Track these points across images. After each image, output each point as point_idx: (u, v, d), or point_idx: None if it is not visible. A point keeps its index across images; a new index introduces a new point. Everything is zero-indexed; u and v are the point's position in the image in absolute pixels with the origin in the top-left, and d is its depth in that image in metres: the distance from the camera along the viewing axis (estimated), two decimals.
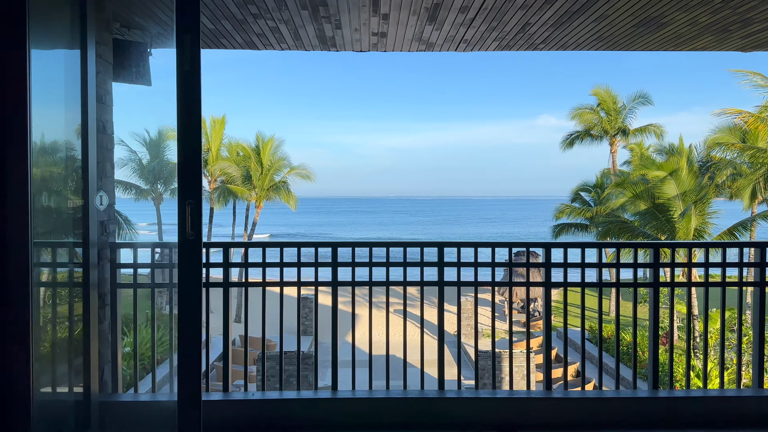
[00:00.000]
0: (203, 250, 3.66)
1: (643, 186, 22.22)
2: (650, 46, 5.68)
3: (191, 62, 2.84)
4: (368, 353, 4.36)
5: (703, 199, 20.28)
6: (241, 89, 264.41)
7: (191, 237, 2.77)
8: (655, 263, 4.25)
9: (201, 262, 2.83)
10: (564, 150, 40.14)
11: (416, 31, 5.07)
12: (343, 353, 18.17)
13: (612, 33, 5.24)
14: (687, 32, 5.20)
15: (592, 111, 37.96)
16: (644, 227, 23.36)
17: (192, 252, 2.78)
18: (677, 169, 20.43)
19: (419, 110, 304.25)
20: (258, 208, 35.24)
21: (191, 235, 2.76)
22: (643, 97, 37.73)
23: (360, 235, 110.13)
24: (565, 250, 4.32)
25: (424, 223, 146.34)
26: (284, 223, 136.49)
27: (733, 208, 28.13)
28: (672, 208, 21.00)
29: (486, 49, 5.72)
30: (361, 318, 37.15)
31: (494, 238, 64.13)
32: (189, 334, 2.80)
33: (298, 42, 5.40)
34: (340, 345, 19.82)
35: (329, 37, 5.24)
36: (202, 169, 26.98)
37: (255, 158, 34.23)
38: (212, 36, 5.32)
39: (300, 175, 36.00)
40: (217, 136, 37.28)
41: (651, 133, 38.23)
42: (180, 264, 2.79)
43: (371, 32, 5.10)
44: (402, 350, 4.46)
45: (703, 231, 20.72)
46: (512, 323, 4.94)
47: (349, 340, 25.60)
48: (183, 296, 2.78)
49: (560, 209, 37.84)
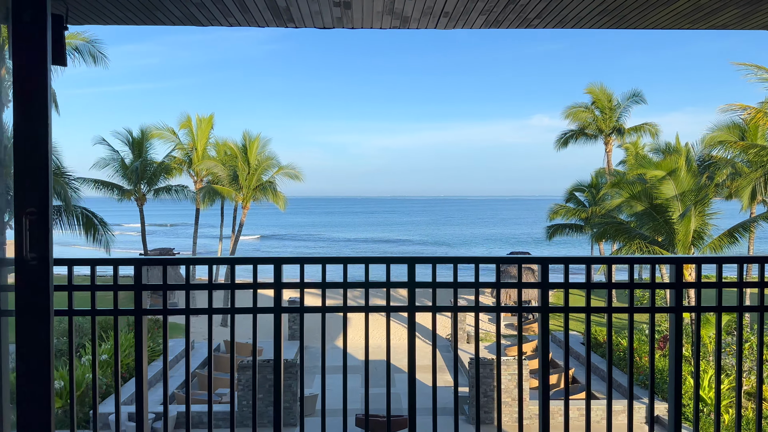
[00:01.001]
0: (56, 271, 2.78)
1: (641, 186, 21.47)
2: (663, 22, 4.85)
3: (33, 27, 1.97)
4: (364, 360, 3.51)
5: (704, 199, 19.55)
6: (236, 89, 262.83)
7: (31, 261, 1.90)
8: (678, 283, 3.43)
9: (48, 293, 1.97)
10: (558, 149, 39.45)
11: (387, 1, 4.23)
12: (331, 359, 17.24)
13: (619, 6, 4.41)
14: (708, 3, 4.38)
15: (586, 110, 37.23)
16: (641, 228, 22.63)
17: (33, 282, 1.92)
18: (676, 169, 19.69)
19: (412, 110, 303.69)
20: (245, 209, 34.28)
21: (31, 259, 1.90)
22: (637, 95, 37.06)
23: (352, 236, 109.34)
24: (566, 267, 3.49)
25: (417, 223, 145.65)
26: (276, 224, 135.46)
27: (729, 208, 27.49)
28: (671, 209, 20.26)
29: (471, 25, 4.88)
30: (352, 323, 36.31)
31: (488, 239, 63.80)
32: (32, 409, 1.93)
33: (247, 15, 4.54)
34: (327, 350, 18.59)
35: (283, 9, 4.39)
36: (188, 168, 25.90)
37: (242, 157, 33.27)
38: (144, 9, 4.46)
39: (288, 175, 35.07)
40: (203, 135, 36.32)
41: (646, 132, 37.58)
42: (17, 296, 1.93)
43: (332, 2, 4.25)
44: (400, 356, 3.62)
45: (702, 233, 20.00)
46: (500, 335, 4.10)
47: (339, 344, 24.75)
48: (22, 340, 1.92)
49: (554, 210, 37.12)
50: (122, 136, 33.18)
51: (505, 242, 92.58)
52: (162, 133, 35.16)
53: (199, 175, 35.92)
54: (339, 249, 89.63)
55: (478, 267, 3.46)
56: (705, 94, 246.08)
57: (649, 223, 21.67)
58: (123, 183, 33.11)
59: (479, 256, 3.43)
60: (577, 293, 3.48)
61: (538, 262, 3.42)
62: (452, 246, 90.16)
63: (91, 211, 20.24)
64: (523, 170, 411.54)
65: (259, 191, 33.73)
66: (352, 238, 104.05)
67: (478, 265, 3.44)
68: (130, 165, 32.42)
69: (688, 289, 3.35)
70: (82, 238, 20.63)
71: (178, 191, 34.11)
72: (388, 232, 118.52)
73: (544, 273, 3.41)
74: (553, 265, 3.43)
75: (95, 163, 33.27)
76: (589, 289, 3.41)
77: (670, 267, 3.47)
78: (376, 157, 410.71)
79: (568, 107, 37.62)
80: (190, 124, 35.97)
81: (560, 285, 3.43)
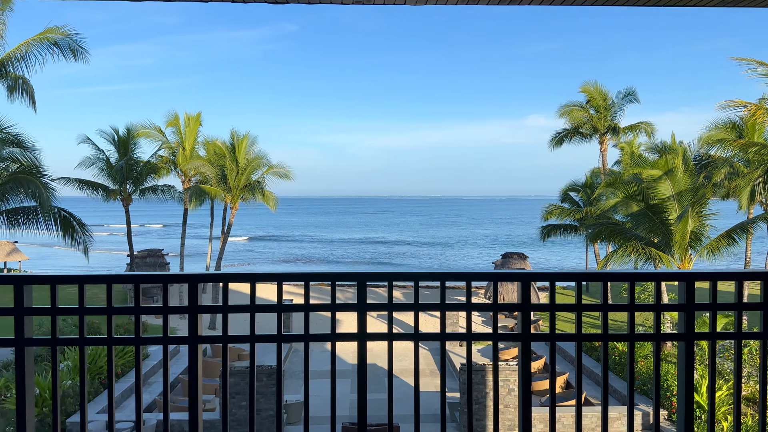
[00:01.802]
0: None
1: (637, 186, 20.88)
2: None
3: None
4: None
5: (701, 200, 18.96)
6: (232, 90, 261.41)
7: None
8: (689, 304, 2.80)
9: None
10: (552, 149, 38.86)
11: None
12: (320, 363, 16.54)
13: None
14: None
15: (581, 108, 36.65)
16: (636, 229, 22.05)
17: None
18: (673, 168, 19.09)
19: (410, 110, 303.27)
20: (233, 209, 33.52)
21: None
22: (631, 93, 36.48)
23: (346, 236, 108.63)
24: (552, 285, 2.85)
25: (411, 224, 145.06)
26: (270, 224, 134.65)
27: (725, 208, 26.92)
28: (667, 209, 19.67)
29: (446, 2, 4.24)
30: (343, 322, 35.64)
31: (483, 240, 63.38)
32: None
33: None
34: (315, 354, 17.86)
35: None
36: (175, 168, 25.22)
37: (230, 156, 32.50)
38: None
39: (278, 174, 34.29)
40: (191, 134, 35.55)
41: (641, 131, 37.04)
42: None
43: None
44: (385, 359, 2.96)
45: (700, 234, 19.43)
46: None
47: (328, 347, 24.02)
48: None
49: (549, 210, 36.52)
50: (108, 135, 32.40)
51: (499, 243, 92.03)
52: (149, 131, 34.38)
53: (187, 175, 35.15)
54: (333, 249, 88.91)
55: (444, 284, 2.82)
56: (699, 94, 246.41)
57: (645, 224, 21.09)
58: (108, 183, 32.33)
59: (446, 271, 2.79)
60: (566, 294, 2.84)
61: (517, 279, 2.79)
62: (446, 247, 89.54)
63: (69, 212, 19.52)
64: (518, 170, 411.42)
65: (247, 191, 32.96)
66: (346, 239, 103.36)
67: (444, 282, 2.80)
68: (116, 164, 31.64)
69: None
70: (60, 238, 19.92)
71: (164, 191, 33.33)
72: (382, 232, 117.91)
73: (524, 292, 2.78)
74: (538, 281, 2.80)
75: (80, 162, 32.51)
76: (580, 312, 2.78)
77: (679, 284, 2.84)
78: (374, 157, 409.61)
79: (563, 105, 37.03)
80: (177, 122, 35.22)
81: (545, 307, 2.79)
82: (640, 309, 2.82)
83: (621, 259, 21.00)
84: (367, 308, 2.73)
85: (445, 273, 2.80)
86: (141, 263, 37.67)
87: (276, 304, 2.76)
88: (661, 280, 2.83)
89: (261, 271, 2.85)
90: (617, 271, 2.89)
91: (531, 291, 16.64)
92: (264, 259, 75.76)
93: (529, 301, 2.81)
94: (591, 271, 2.89)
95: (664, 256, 20.05)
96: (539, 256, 70.43)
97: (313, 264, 72.66)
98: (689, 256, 20.18)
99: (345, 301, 31.02)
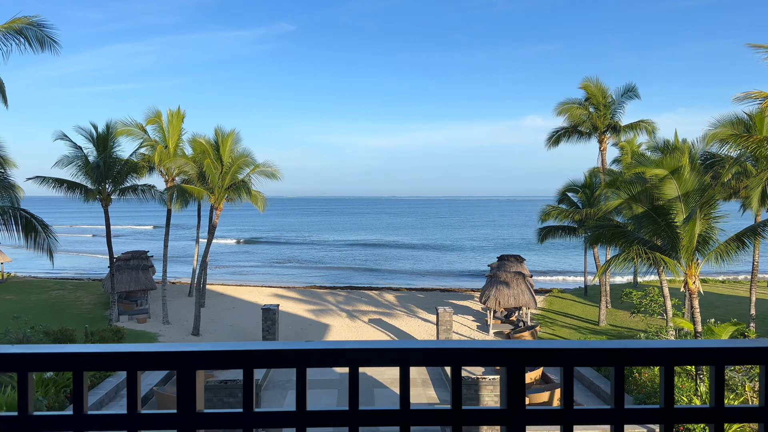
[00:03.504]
0: None
1: (641, 186, 19.58)
2: None
3: None
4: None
5: (710, 201, 17.68)
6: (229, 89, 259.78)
7: None
8: (718, 382, 1.48)
9: None
10: (549, 148, 37.52)
11: None
12: None
13: None
14: None
15: (580, 106, 35.31)
16: (639, 232, 20.78)
17: None
18: (680, 167, 17.79)
19: (407, 110, 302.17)
20: (218, 210, 32.08)
21: None
22: (631, 90, 35.16)
23: (340, 238, 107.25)
24: None
25: (406, 224, 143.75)
26: (264, 225, 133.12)
27: (728, 209, 25.64)
28: (673, 211, 18.38)
29: None
30: (333, 327, 34.32)
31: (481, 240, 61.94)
32: None
33: None
34: None
35: None
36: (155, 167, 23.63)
37: (213, 155, 31.05)
38: None
39: (265, 174, 32.87)
40: (174, 131, 34.18)
41: (642, 130, 35.73)
42: None
43: None
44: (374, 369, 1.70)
45: (708, 237, 18.14)
46: None
47: None
48: None
49: (546, 211, 35.22)
50: (86, 132, 30.91)
51: (495, 245, 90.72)
52: (130, 129, 32.98)
53: (170, 174, 33.73)
54: (327, 251, 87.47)
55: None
56: (699, 93, 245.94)
57: (649, 227, 19.81)
58: (87, 182, 30.86)
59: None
60: (566, 299, 1.52)
61: (502, 364, 1.48)
62: (441, 250, 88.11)
63: (30, 213, 18.13)
64: (516, 170, 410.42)
65: (233, 191, 31.53)
66: (339, 240, 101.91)
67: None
68: (92, 162, 30.17)
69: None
70: (22, 240, 18.55)
71: (144, 191, 31.88)
72: (377, 233, 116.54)
73: (512, 381, 1.45)
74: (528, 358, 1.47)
75: (58, 160, 31.06)
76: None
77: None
78: (371, 157, 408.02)
79: (562, 103, 35.70)
80: (160, 119, 33.81)
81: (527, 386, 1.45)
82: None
83: (623, 264, 19.72)
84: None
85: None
86: (124, 266, 36.24)
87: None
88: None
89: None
90: (650, 346, 1.55)
91: (528, 294, 14.73)
92: (256, 261, 74.32)
93: (523, 380, 1.48)
94: (606, 347, 1.55)
95: (670, 261, 18.77)
96: (537, 258, 69.15)
97: (306, 267, 71.33)
98: (696, 261, 18.91)
99: (337, 305, 29.29)
